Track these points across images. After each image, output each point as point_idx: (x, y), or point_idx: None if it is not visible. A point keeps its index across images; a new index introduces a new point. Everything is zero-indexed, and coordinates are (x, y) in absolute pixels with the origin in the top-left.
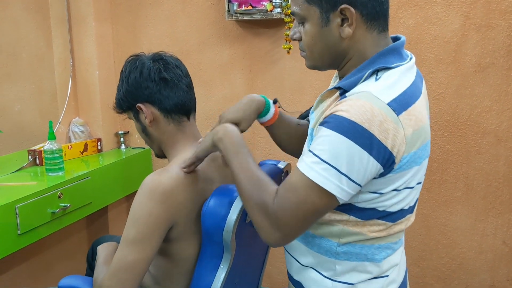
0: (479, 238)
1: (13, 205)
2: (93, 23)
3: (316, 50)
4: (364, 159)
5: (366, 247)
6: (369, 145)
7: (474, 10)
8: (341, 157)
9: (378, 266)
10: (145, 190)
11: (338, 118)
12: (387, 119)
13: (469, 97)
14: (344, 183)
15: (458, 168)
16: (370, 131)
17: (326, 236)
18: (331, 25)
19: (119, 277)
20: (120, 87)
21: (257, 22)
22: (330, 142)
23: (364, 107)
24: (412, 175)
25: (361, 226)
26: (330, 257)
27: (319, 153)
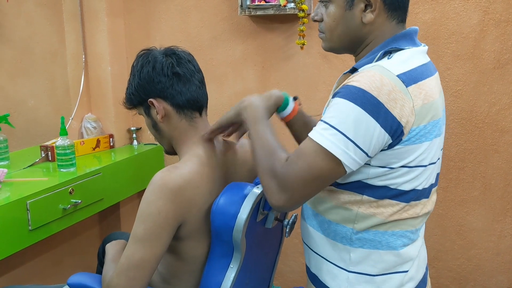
0: (496, 239)
1: (25, 200)
2: (106, 18)
3: (336, 32)
4: (371, 126)
5: (380, 233)
6: (377, 112)
7: (494, 5)
8: (348, 122)
9: (394, 255)
10: (154, 187)
11: (348, 87)
12: (395, 89)
13: (488, 94)
14: (351, 149)
15: (476, 167)
16: (378, 98)
17: (342, 222)
18: (354, 9)
19: (127, 274)
20: (132, 82)
21: (270, 17)
22: (339, 108)
23: (374, 76)
24: (423, 152)
25: (375, 207)
26: (345, 244)
27: (329, 120)
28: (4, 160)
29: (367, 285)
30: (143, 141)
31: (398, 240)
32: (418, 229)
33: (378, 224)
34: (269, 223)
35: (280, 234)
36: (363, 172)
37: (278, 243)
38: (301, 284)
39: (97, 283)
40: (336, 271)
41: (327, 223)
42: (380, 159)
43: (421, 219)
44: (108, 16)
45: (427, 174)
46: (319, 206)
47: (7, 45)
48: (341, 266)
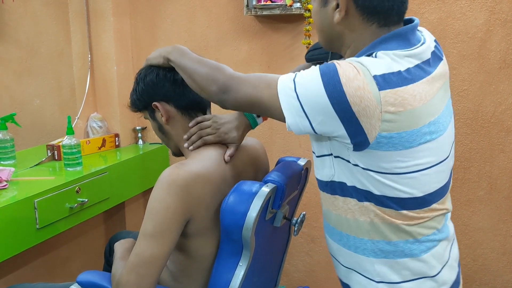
0: (503, 238)
1: (32, 199)
2: (112, 18)
3: (316, 27)
4: (328, 113)
5: (401, 242)
6: (337, 100)
7: (500, 5)
8: (308, 91)
9: (419, 261)
10: (162, 183)
11: (330, 63)
12: (366, 88)
13: (494, 94)
14: (298, 117)
15: (481, 167)
16: (343, 88)
17: (358, 235)
18: (328, 6)
19: (137, 271)
20: (136, 88)
21: (276, 17)
22: (309, 74)
23: (351, 68)
24: (403, 157)
25: (382, 217)
26: (368, 256)
27: (298, 76)
28: (11, 159)
29: None
30: (148, 141)
31: (421, 246)
32: (442, 229)
33: (396, 233)
34: (278, 221)
35: (288, 233)
36: (347, 172)
37: (286, 242)
38: (306, 283)
39: (106, 281)
40: (365, 282)
41: (346, 237)
42: (356, 158)
43: (439, 219)
44: (114, 15)
45: (424, 180)
46: (333, 221)
47: (13, 44)
48: (368, 277)
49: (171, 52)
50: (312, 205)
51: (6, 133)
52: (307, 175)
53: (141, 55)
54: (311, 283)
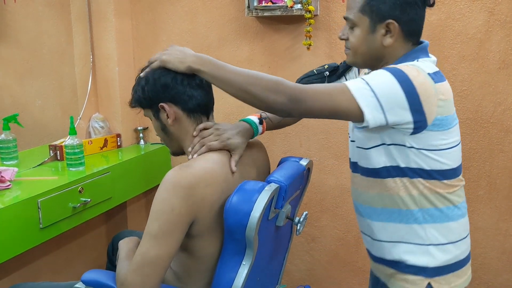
0: (502, 238)
1: (36, 199)
2: (113, 19)
3: (359, 51)
4: (401, 104)
5: (445, 208)
6: (410, 95)
7: (499, 6)
8: (384, 88)
9: (459, 224)
10: (167, 184)
11: (390, 67)
12: (427, 82)
13: (493, 94)
14: (376, 111)
15: (481, 166)
16: (413, 83)
17: (410, 207)
18: (376, 34)
19: (142, 271)
20: (144, 85)
21: (277, 18)
22: (383, 77)
23: (412, 69)
24: (448, 137)
25: (429, 188)
26: (418, 224)
27: (367, 79)
28: (14, 159)
29: (444, 253)
30: (149, 141)
31: (458, 211)
32: (464, 201)
33: (440, 200)
34: (280, 221)
35: (289, 232)
36: (402, 155)
37: (287, 241)
38: (307, 283)
39: (110, 280)
40: (415, 248)
41: (397, 212)
42: (413, 141)
43: (462, 190)
44: (116, 17)
45: (457, 152)
46: (379, 202)
47: (15, 45)
48: (418, 243)
49: (200, 63)
50: (313, 205)
51: (9, 134)
52: (308, 175)
53: (143, 55)
54: (312, 282)
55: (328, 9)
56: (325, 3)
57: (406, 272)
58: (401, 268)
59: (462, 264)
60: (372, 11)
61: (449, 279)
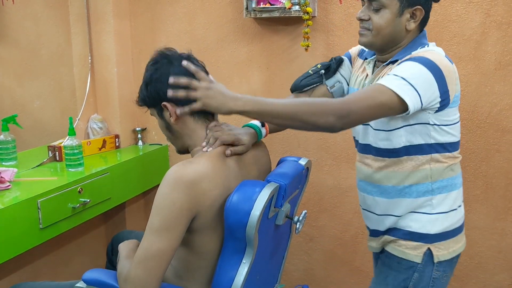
0: (498, 237)
1: (36, 199)
2: (112, 20)
3: (382, 33)
4: (433, 85)
5: (450, 178)
6: (438, 78)
7: (495, 7)
8: (418, 78)
9: (459, 192)
10: (169, 180)
11: (420, 56)
12: (448, 65)
13: (489, 95)
14: (414, 98)
15: (477, 166)
16: (441, 68)
17: (420, 181)
18: (402, 17)
19: (145, 265)
20: (148, 84)
21: (275, 20)
22: (412, 67)
23: (436, 54)
24: (457, 111)
25: (443, 159)
26: (428, 195)
27: (400, 74)
28: (13, 160)
29: (446, 220)
30: (148, 142)
31: (458, 180)
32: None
33: (447, 172)
34: (280, 220)
35: (289, 231)
36: (424, 133)
37: (286, 240)
38: (305, 282)
39: (112, 279)
40: (423, 217)
41: (408, 188)
42: (435, 118)
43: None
44: (115, 18)
45: (458, 128)
46: (392, 180)
47: (14, 46)
48: (425, 212)
49: (242, 105)
50: (311, 205)
51: (8, 134)
52: (307, 175)
53: (141, 56)
54: (310, 282)
55: (325, 10)
56: (323, 4)
57: (407, 239)
58: (402, 235)
59: (460, 230)
60: None
61: (448, 244)
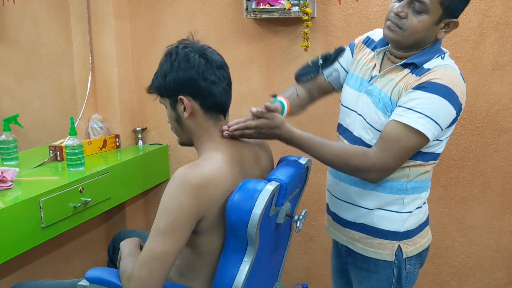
0: (496, 236)
1: (37, 199)
2: (112, 21)
3: (416, 36)
4: (451, 113)
5: (424, 181)
6: (455, 103)
7: (493, 8)
8: (439, 113)
9: (427, 193)
10: (177, 182)
11: (435, 84)
12: (462, 84)
13: (487, 95)
14: (437, 131)
15: (475, 166)
16: (456, 93)
17: (397, 178)
18: (438, 26)
19: (149, 266)
20: (167, 74)
21: (275, 20)
22: (432, 102)
23: (452, 75)
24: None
25: (422, 165)
26: (401, 194)
27: (422, 110)
28: (14, 160)
29: (413, 218)
30: (148, 141)
31: (428, 183)
32: None
33: (421, 174)
34: (280, 218)
35: (289, 230)
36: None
37: (287, 239)
38: (304, 281)
39: (114, 277)
40: (391, 214)
41: (383, 181)
42: (438, 135)
43: None
44: (115, 18)
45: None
46: None
47: (14, 46)
48: (396, 210)
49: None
50: (310, 204)
51: (9, 134)
52: (307, 174)
53: (141, 57)
54: (309, 281)
55: (325, 11)
56: (322, 5)
57: (378, 237)
58: (373, 233)
59: (425, 225)
60: (448, 6)
61: (415, 240)
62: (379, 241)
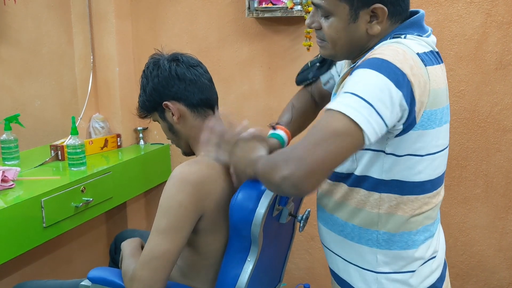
0: (499, 236)
1: (39, 198)
2: (114, 20)
3: (339, 43)
4: (394, 94)
5: (405, 233)
6: (401, 82)
7: (496, 7)
8: (372, 89)
9: (420, 250)
10: (175, 180)
11: (372, 59)
12: (418, 65)
13: (490, 94)
14: (373, 117)
15: (478, 165)
16: (403, 70)
17: (366, 226)
18: (359, 21)
19: (151, 265)
20: (145, 88)
21: (277, 20)
22: (363, 77)
23: (397, 50)
24: (432, 138)
25: (395, 205)
26: (371, 246)
27: (351, 89)
28: (15, 159)
29: (397, 283)
30: (149, 141)
31: (421, 236)
32: (436, 219)
33: (402, 224)
34: (284, 218)
35: (292, 229)
36: (376, 164)
37: (289, 239)
38: (306, 281)
39: (116, 277)
40: (363, 273)
41: (351, 227)
42: (393, 145)
43: (437, 208)
44: (116, 18)
45: (441, 159)
46: (339, 211)
47: (15, 46)
48: (368, 268)
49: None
50: (312, 204)
51: (10, 134)
52: None
53: (143, 56)
54: (311, 281)
55: None
56: None
57: None
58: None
59: None
60: None
61: None
62: None
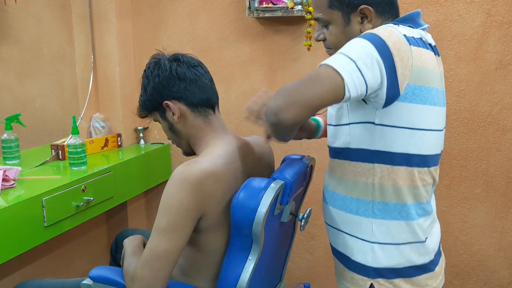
0: (499, 235)
1: (40, 198)
2: (114, 20)
3: (340, 46)
4: (375, 58)
5: (399, 204)
6: (383, 51)
7: (496, 7)
8: (357, 51)
9: (412, 225)
10: (175, 180)
11: (364, 33)
12: (401, 41)
13: (490, 94)
14: (355, 73)
15: (478, 165)
16: (386, 42)
17: (362, 196)
18: (352, 24)
19: (151, 265)
20: (146, 88)
21: (277, 19)
22: (352, 42)
23: (386, 29)
24: (422, 114)
25: (387, 175)
26: (367, 216)
27: (340, 50)
28: (16, 159)
29: (390, 254)
30: (149, 141)
31: (414, 211)
32: (429, 202)
33: (394, 194)
34: (285, 217)
35: (293, 228)
36: (367, 136)
37: (290, 238)
38: (307, 280)
39: (118, 276)
40: (361, 243)
41: (349, 200)
42: (382, 116)
43: (430, 188)
44: (117, 17)
45: (431, 139)
46: (340, 187)
47: (16, 45)
48: (364, 239)
49: None
50: (313, 203)
51: (11, 133)
52: (311, 173)
53: (143, 56)
54: (312, 280)
55: None
56: None
57: (350, 269)
58: (344, 261)
59: (417, 272)
60: (341, 3)
61: (397, 283)
62: (353, 275)
